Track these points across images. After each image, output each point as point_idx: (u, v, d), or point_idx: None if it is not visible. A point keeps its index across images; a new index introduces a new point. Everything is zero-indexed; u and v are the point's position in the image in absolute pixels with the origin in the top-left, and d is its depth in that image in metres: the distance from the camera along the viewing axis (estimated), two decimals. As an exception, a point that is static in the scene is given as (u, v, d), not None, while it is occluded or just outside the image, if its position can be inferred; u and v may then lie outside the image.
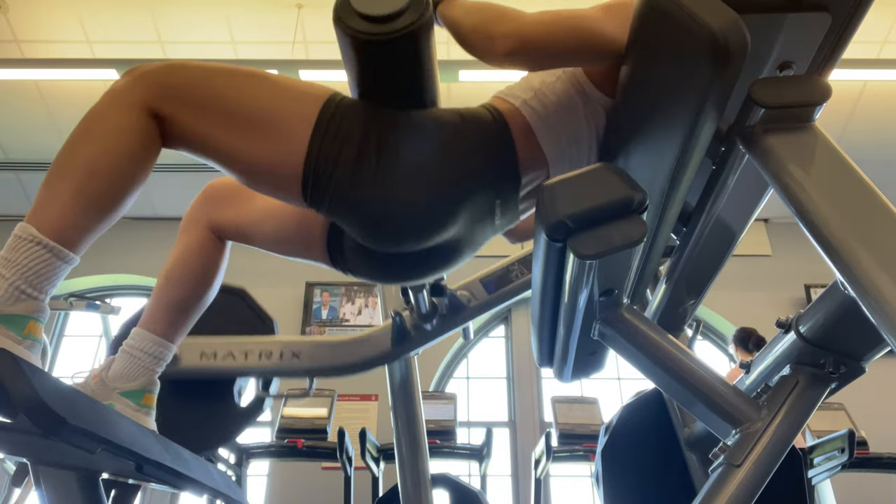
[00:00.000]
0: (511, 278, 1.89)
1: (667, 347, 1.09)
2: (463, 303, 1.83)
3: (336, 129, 1.04)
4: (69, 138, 1.04)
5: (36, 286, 0.94)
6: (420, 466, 2.06)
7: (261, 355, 1.82)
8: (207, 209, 1.34)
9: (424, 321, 1.83)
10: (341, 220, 1.10)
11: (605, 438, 1.81)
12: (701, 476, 1.53)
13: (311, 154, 1.03)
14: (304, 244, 1.29)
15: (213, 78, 1.08)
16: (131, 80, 1.07)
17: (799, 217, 0.81)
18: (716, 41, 0.78)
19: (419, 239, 1.09)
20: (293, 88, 1.10)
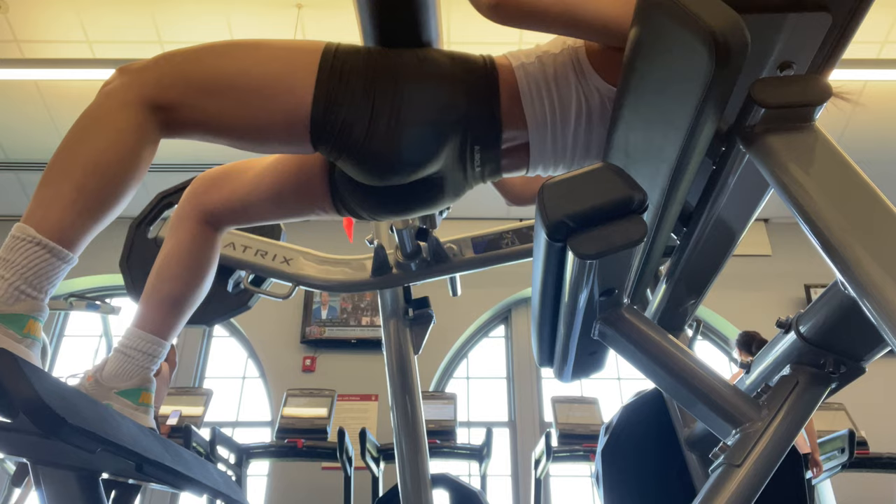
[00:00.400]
0: (502, 244, 1.96)
1: (667, 347, 1.09)
2: (447, 254, 1.94)
3: (338, 74, 1.10)
4: (65, 138, 1.05)
5: (35, 286, 0.94)
6: (420, 466, 2.06)
7: (256, 252, 1.97)
8: (195, 202, 1.34)
9: (407, 260, 1.95)
10: (340, 157, 1.14)
11: (605, 438, 1.81)
12: (701, 476, 1.53)
13: (317, 101, 1.09)
14: (305, 192, 1.31)
15: (205, 59, 1.11)
16: (125, 77, 1.08)
17: (799, 217, 0.81)
18: (716, 41, 0.78)
19: (405, 170, 1.15)
20: (287, 47, 1.14)
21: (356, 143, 1.11)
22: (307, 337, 5.29)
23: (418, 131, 1.12)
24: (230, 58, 1.12)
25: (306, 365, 5.27)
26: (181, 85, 1.09)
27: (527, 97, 1.16)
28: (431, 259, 1.95)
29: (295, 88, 1.10)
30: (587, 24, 1.09)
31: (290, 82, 1.10)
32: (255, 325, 5.30)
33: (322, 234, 3.83)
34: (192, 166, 5.12)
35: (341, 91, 1.10)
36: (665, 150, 0.96)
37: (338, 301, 5.46)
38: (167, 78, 1.08)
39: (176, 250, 1.29)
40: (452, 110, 1.14)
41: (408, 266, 1.96)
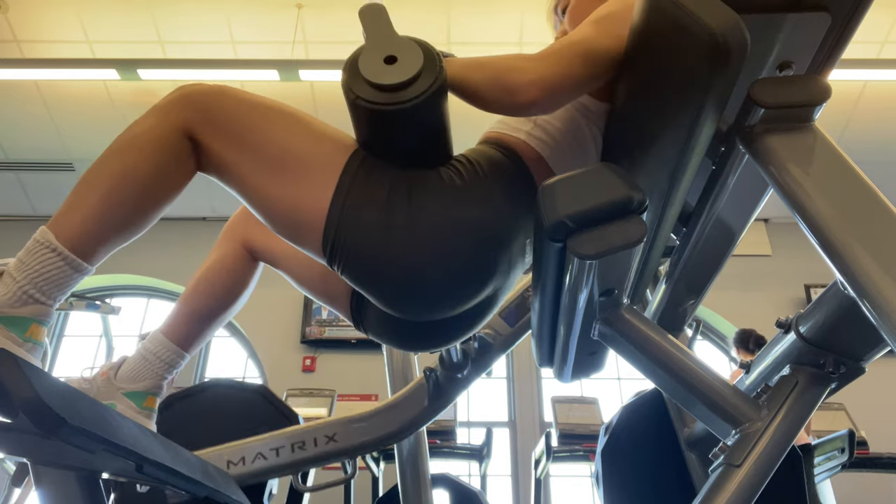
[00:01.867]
0: (528, 306, 1.77)
1: (667, 347, 1.09)
2: (490, 342, 1.73)
3: (362, 183, 0.98)
4: (107, 148, 1.01)
5: (45, 292, 0.94)
6: (420, 466, 2.06)
7: (293, 448, 1.69)
8: (245, 225, 1.32)
9: (456, 371, 1.73)
10: (361, 283, 1.02)
11: (605, 438, 1.81)
12: (701, 476, 1.53)
13: (333, 207, 0.97)
14: (327, 296, 1.28)
15: (253, 110, 1.03)
16: (177, 97, 1.04)
17: (799, 217, 0.81)
18: (716, 41, 0.78)
19: (458, 303, 1.03)
20: (325, 135, 1.04)
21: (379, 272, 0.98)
22: (307, 337, 5.29)
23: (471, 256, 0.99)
24: (275, 119, 1.03)
25: (306, 365, 5.27)
26: (219, 123, 1.02)
27: (553, 161, 1.11)
28: (476, 355, 1.74)
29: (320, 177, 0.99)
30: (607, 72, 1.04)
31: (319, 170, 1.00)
32: (255, 325, 5.30)
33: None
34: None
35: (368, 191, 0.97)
36: (665, 150, 0.96)
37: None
38: (211, 113, 1.02)
39: (215, 266, 1.29)
40: (501, 221, 1.02)
41: (457, 375, 1.73)
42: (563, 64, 0.99)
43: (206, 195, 5.37)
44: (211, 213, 5.61)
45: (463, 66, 1.00)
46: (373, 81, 0.94)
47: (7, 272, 0.93)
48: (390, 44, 0.97)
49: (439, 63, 0.95)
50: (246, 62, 4.35)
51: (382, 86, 0.93)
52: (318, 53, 4.53)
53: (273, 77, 4.19)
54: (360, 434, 1.74)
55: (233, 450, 1.68)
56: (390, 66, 0.94)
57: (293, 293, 2.01)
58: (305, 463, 1.70)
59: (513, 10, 4.31)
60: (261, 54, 4.49)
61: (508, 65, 0.98)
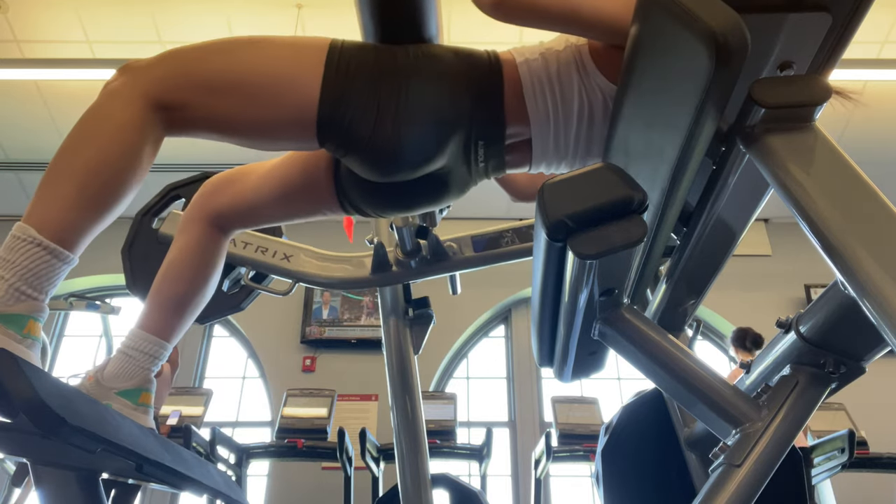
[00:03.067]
0: (502, 243, 1.96)
1: (667, 347, 1.09)
2: (447, 252, 1.94)
3: (344, 72, 1.10)
4: (67, 137, 1.04)
5: (35, 287, 0.94)
6: (420, 466, 2.06)
7: (257, 249, 1.97)
8: (203, 204, 1.35)
9: (407, 258, 1.95)
10: (347, 153, 1.15)
11: (605, 438, 1.81)
12: (701, 476, 1.53)
13: (323, 98, 1.09)
14: (311, 191, 1.32)
15: (209, 57, 1.11)
16: (128, 76, 1.08)
17: (799, 217, 0.81)
18: (716, 41, 0.78)
19: (411, 166, 1.15)
20: (292, 44, 1.14)
21: (362, 140, 1.11)
22: (307, 337, 5.29)
23: (423, 127, 1.12)
24: (236, 55, 1.12)
25: (306, 365, 5.27)
26: (187, 83, 1.08)
27: (530, 94, 1.17)
28: (431, 257, 1.95)
29: (301, 86, 1.10)
30: (588, 22, 1.09)
31: (297, 80, 1.10)
32: (255, 325, 5.30)
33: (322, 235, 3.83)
34: (193, 165, 5.12)
35: (347, 88, 1.10)
36: (665, 150, 0.96)
37: (338, 301, 5.46)
38: (172, 76, 1.08)
39: (182, 252, 1.30)
40: (457, 106, 1.14)
41: (407, 264, 1.96)
42: None
43: (206, 195, 5.36)
44: (211, 213, 5.61)
45: None
46: None
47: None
48: None
49: None
50: (246, 62, 4.35)
51: None
52: (318, 53, 4.53)
53: (273, 77, 4.19)
54: (308, 266, 1.98)
55: None
56: None
57: (293, 293, 2.02)
58: (259, 265, 1.97)
59: (513, 10, 4.31)
60: (261, 54, 4.49)
61: None
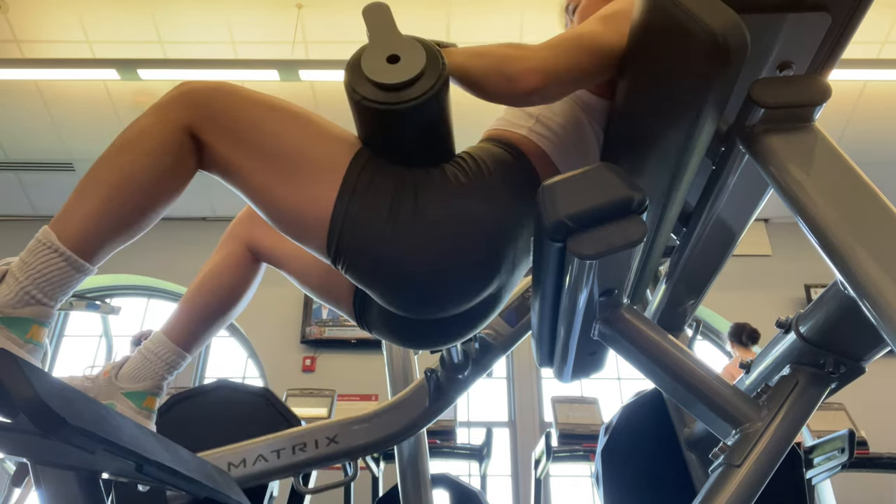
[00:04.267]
0: (528, 307, 1.74)
1: (667, 347, 1.09)
2: (490, 342, 1.72)
3: (367, 182, 0.97)
4: (108, 147, 1.01)
5: (47, 293, 0.93)
6: (420, 466, 2.06)
7: (294, 450, 1.69)
8: (248, 225, 1.32)
9: (457, 372, 1.72)
10: (366, 282, 1.02)
11: (605, 438, 1.81)
12: (701, 476, 1.53)
13: (338, 207, 0.97)
14: (330, 295, 1.27)
15: (256, 108, 1.02)
16: (178, 94, 1.02)
17: (799, 217, 0.81)
18: (716, 41, 0.78)
19: (463, 300, 1.03)
20: (329, 133, 1.03)
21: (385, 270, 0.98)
22: (307, 337, 5.29)
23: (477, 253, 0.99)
24: (276, 120, 1.01)
25: (306, 365, 5.26)
26: (222, 122, 1.01)
27: (556, 157, 1.11)
28: (477, 357, 1.72)
29: (325, 175, 0.98)
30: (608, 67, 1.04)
31: (324, 167, 0.99)
32: (255, 325, 5.30)
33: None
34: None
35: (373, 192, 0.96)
36: (665, 150, 0.96)
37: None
38: (212, 111, 1.01)
39: (218, 267, 1.29)
40: (506, 218, 1.02)
41: (458, 376, 1.71)
42: (565, 54, 0.99)
43: (206, 195, 5.37)
44: (211, 214, 5.61)
45: (464, 55, 1.01)
46: (376, 81, 0.94)
47: (10, 272, 0.93)
48: (392, 43, 0.97)
49: (441, 61, 0.96)
50: (246, 62, 4.35)
51: (386, 85, 0.93)
52: (319, 53, 4.53)
53: (273, 77, 4.19)
54: (361, 435, 1.74)
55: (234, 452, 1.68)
56: (393, 66, 0.94)
57: (293, 293, 2.01)
58: (306, 465, 1.70)
59: (513, 9, 4.31)
60: (261, 54, 4.49)
61: (510, 53, 0.98)
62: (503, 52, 0.99)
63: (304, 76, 4.20)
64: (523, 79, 0.96)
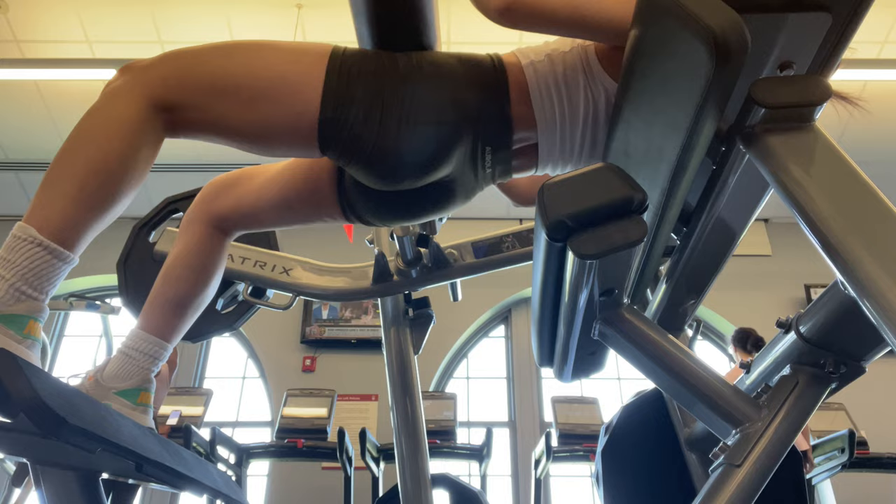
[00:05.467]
0: (502, 248, 1.95)
1: (667, 347, 1.09)
2: (448, 260, 1.92)
3: (346, 78, 1.09)
4: (69, 137, 1.04)
5: (36, 287, 0.94)
6: (420, 466, 2.06)
7: (255, 263, 1.94)
8: (205, 206, 1.35)
9: (408, 267, 1.94)
10: (350, 161, 1.13)
11: (605, 438, 1.81)
12: (701, 476, 1.53)
13: (325, 104, 1.08)
14: (314, 198, 1.31)
15: (211, 59, 1.10)
16: (129, 76, 1.08)
17: (799, 217, 0.81)
18: (716, 41, 0.78)
19: (417, 174, 1.14)
20: (294, 49, 1.13)
21: (366, 147, 1.10)
22: (307, 337, 5.29)
23: (429, 134, 1.11)
24: (238, 59, 1.11)
25: (306, 365, 5.27)
26: (188, 85, 1.08)
27: (536, 97, 1.16)
28: (432, 265, 1.93)
29: (303, 92, 1.09)
30: (593, 25, 1.09)
31: (299, 85, 1.09)
32: (255, 325, 5.27)
33: (322, 236, 3.83)
34: (192, 165, 5.12)
35: (350, 94, 1.08)
36: (665, 150, 0.96)
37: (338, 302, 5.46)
38: (173, 78, 1.08)
39: (183, 253, 1.30)
40: (463, 112, 1.13)
41: (409, 273, 1.95)
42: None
43: (206, 195, 5.36)
44: (211, 213, 5.61)
45: None
46: None
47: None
48: None
49: None
50: (246, 62, 4.35)
51: None
52: (318, 53, 4.53)
53: (273, 77, 4.19)
54: (307, 278, 1.96)
55: None
56: None
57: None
58: (258, 279, 1.94)
59: (513, 10, 4.30)
60: (261, 54, 4.49)
61: None
62: None
63: (304, 76, 4.20)
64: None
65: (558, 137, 1.18)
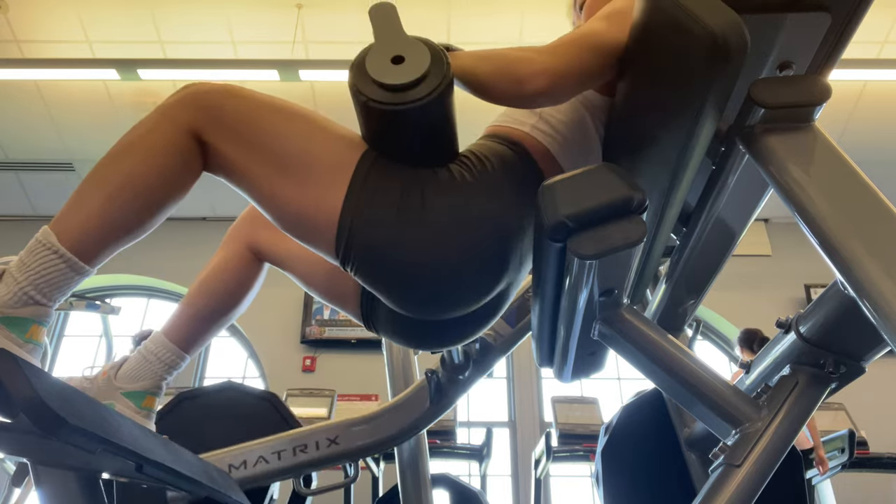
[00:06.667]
0: (528, 308, 1.74)
1: (667, 347, 1.09)
2: (491, 343, 1.71)
3: (375, 184, 0.97)
4: (112, 149, 1.00)
5: (45, 294, 0.93)
6: (420, 466, 2.06)
7: (295, 451, 1.68)
8: (250, 226, 1.31)
9: (458, 372, 1.71)
10: (375, 283, 1.02)
11: (605, 438, 1.81)
12: (701, 476, 1.53)
13: (346, 208, 0.96)
14: (336, 296, 1.26)
15: (261, 109, 1.02)
16: (184, 96, 1.02)
17: (799, 217, 0.81)
18: (716, 41, 0.78)
19: (471, 301, 1.03)
20: (335, 134, 1.03)
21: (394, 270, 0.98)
22: (307, 337, 5.29)
23: (486, 252, 0.99)
24: (281, 121, 1.01)
25: (306, 365, 5.26)
26: (225, 126, 1.00)
27: (560, 154, 1.11)
28: (478, 357, 1.72)
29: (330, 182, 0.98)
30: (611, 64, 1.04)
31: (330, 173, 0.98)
32: (255, 325, 5.30)
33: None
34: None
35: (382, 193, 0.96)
36: (665, 150, 0.96)
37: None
38: (218, 113, 1.00)
39: (220, 268, 1.29)
40: (512, 215, 1.02)
41: (459, 377, 1.71)
42: (571, 54, 0.99)
43: (206, 195, 5.37)
44: (211, 214, 5.61)
45: (471, 58, 1.01)
46: (381, 81, 0.93)
47: (8, 272, 0.93)
48: (397, 43, 0.97)
49: (446, 61, 0.96)
50: (246, 62, 4.35)
51: (391, 86, 0.93)
52: (318, 53, 4.53)
53: (273, 77, 4.19)
54: (362, 437, 1.73)
55: (235, 453, 1.67)
56: (398, 66, 0.94)
57: (294, 293, 2.01)
58: (307, 466, 1.69)
59: (513, 10, 4.31)
60: (261, 54, 4.49)
61: (516, 55, 0.99)
62: (510, 54, 0.99)
63: (304, 76, 4.20)
64: (531, 81, 0.96)
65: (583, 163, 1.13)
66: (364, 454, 1.74)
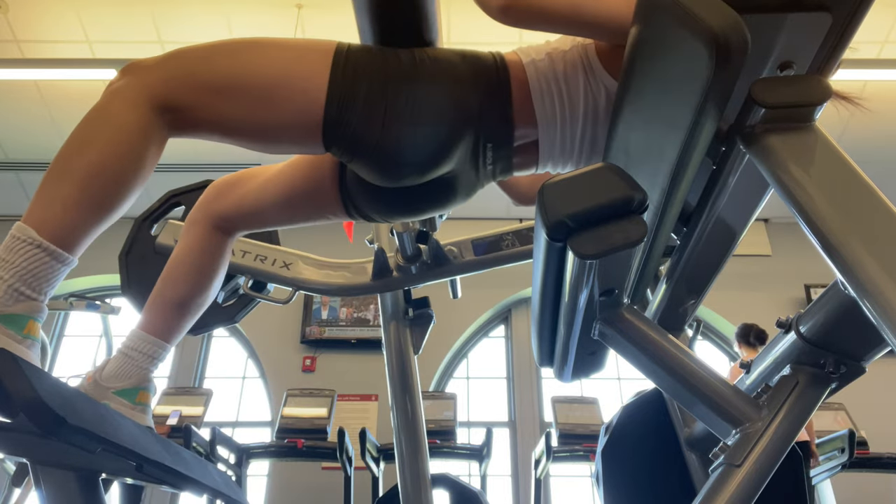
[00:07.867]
0: (502, 246, 1.96)
1: (667, 347, 1.09)
2: (448, 257, 1.94)
3: (351, 75, 1.09)
4: (69, 138, 1.04)
5: (34, 288, 0.94)
6: (420, 466, 2.06)
7: (256, 257, 1.96)
8: (207, 207, 1.35)
9: (408, 263, 1.95)
10: (353, 158, 1.14)
11: (605, 438, 1.81)
12: (701, 476, 1.53)
13: (330, 102, 1.08)
14: (316, 196, 1.32)
15: (215, 58, 1.10)
16: (131, 77, 1.07)
17: (799, 217, 0.81)
18: (716, 41, 0.78)
19: (420, 170, 1.15)
20: (298, 46, 1.13)
21: (369, 145, 1.10)
22: (307, 337, 5.29)
23: (431, 132, 1.12)
24: (241, 57, 1.11)
25: (306, 365, 5.27)
26: (191, 85, 1.07)
27: (537, 95, 1.16)
28: (432, 262, 1.94)
29: (308, 89, 1.09)
30: (595, 23, 1.09)
31: (303, 83, 1.09)
32: (255, 325, 5.30)
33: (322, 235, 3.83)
34: (193, 166, 5.12)
35: (354, 91, 1.09)
36: (665, 150, 0.96)
37: (338, 301, 5.46)
38: (176, 78, 1.07)
39: (184, 254, 1.30)
40: (466, 109, 1.13)
41: (408, 269, 1.96)
42: None
43: (206, 195, 5.36)
44: (211, 213, 5.61)
45: None
46: None
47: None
48: None
49: None
50: (246, 62, 4.35)
51: None
52: (318, 53, 4.53)
53: (273, 77, 4.19)
54: (306, 273, 1.97)
55: None
56: None
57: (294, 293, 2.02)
58: (258, 273, 1.95)
59: (513, 10, 4.31)
60: (261, 54, 4.49)
61: None
62: None
63: (304, 76, 4.20)
64: None
65: (558, 135, 1.18)
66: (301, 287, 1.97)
